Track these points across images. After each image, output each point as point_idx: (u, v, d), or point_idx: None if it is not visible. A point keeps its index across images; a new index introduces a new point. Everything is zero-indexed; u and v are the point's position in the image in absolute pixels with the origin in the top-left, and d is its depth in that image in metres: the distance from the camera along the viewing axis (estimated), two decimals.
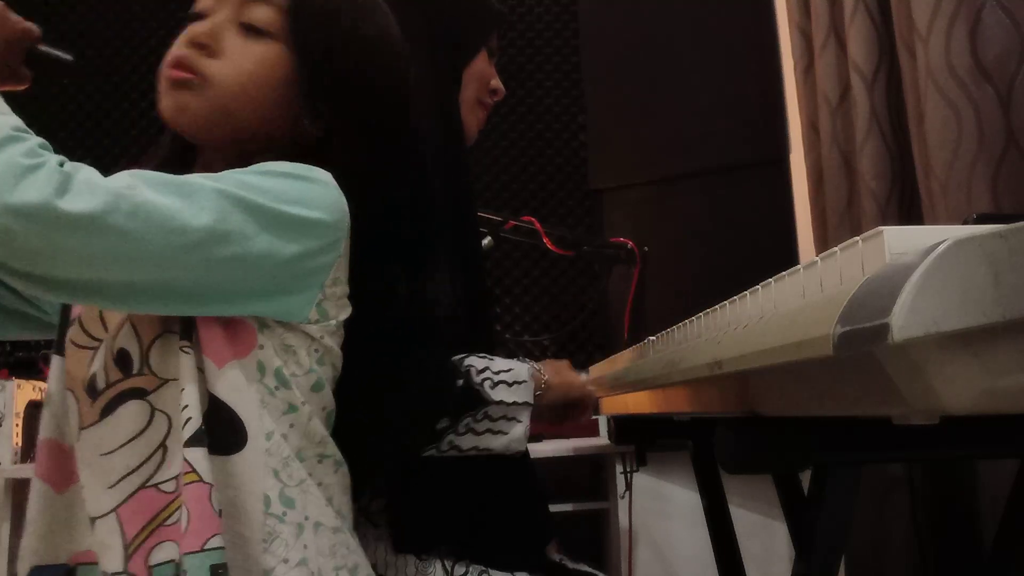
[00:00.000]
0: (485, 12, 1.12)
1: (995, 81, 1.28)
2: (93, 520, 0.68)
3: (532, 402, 0.97)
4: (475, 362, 0.95)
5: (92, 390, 0.70)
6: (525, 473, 1.05)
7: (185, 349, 0.68)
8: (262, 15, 0.76)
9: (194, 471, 0.65)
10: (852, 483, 0.76)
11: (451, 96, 1.06)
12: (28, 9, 0.82)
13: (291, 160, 0.73)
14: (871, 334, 0.42)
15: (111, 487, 0.68)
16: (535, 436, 1.88)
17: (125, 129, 2.53)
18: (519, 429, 0.95)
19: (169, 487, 0.67)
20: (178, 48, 0.76)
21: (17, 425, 1.86)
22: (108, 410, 0.70)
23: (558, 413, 1.06)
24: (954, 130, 1.31)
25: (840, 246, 0.54)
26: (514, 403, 0.95)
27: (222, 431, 0.67)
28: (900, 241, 0.48)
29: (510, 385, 0.95)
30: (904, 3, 1.44)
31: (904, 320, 0.40)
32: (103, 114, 2.55)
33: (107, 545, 0.67)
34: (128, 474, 0.68)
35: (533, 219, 1.52)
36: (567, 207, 2.51)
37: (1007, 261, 0.41)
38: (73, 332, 0.73)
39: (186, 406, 0.67)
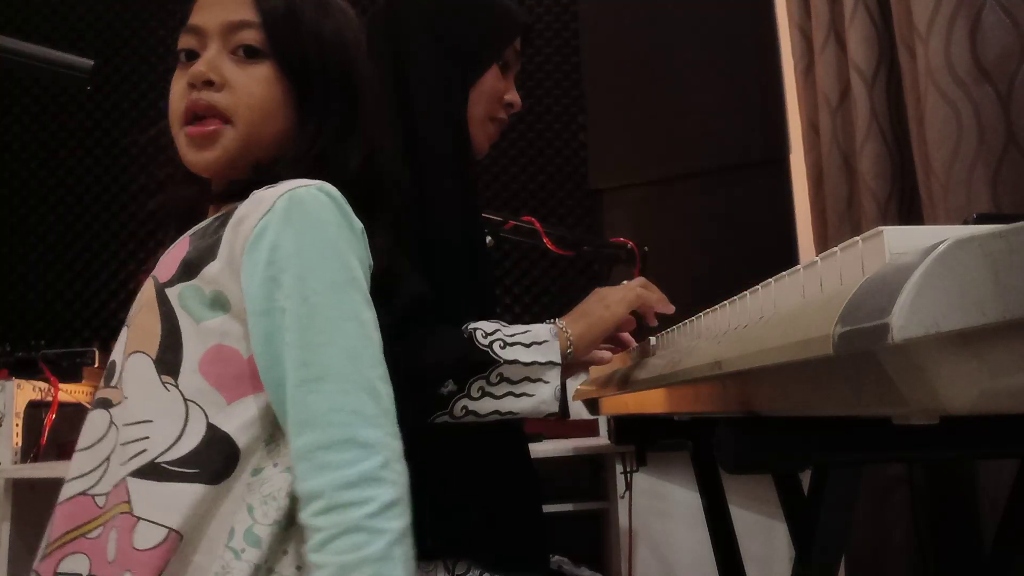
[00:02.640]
0: (496, 29, 1.09)
1: (995, 81, 1.28)
2: None
3: (559, 361, 0.93)
4: (483, 326, 0.92)
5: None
6: (529, 475, 1.04)
7: (168, 385, 0.69)
8: (250, 36, 0.77)
9: (129, 501, 0.66)
10: (852, 483, 0.76)
11: (460, 106, 1.05)
12: (35, 9, 0.83)
13: (297, 169, 0.74)
14: (871, 334, 0.42)
15: (66, 483, 0.71)
16: (535, 436, 1.88)
17: (136, 124, 2.53)
18: (547, 390, 0.92)
19: (101, 501, 0.69)
20: (184, 97, 0.77)
21: (17, 425, 1.85)
22: (91, 411, 0.74)
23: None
24: (954, 130, 1.31)
25: (840, 246, 0.54)
26: (534, 363, 0.91)
27: (217, 460, 0.68)
28: (900, 241, 0.48)
29: (527, 346, 0.92)
30: (904, 3, 1.44)
31: (904, 320, 0.40)
32: (111, 113, 2.55)
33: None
34: (78, 476, 0.70)
35: (533, 219, 1.51)
36: (567, 207, 2.51)
37: (1007, 261, 0.41)
38: None
39: (145, 437, 0.68)
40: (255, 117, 0.76)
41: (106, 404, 0.72)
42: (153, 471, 0.67)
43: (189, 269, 0.72)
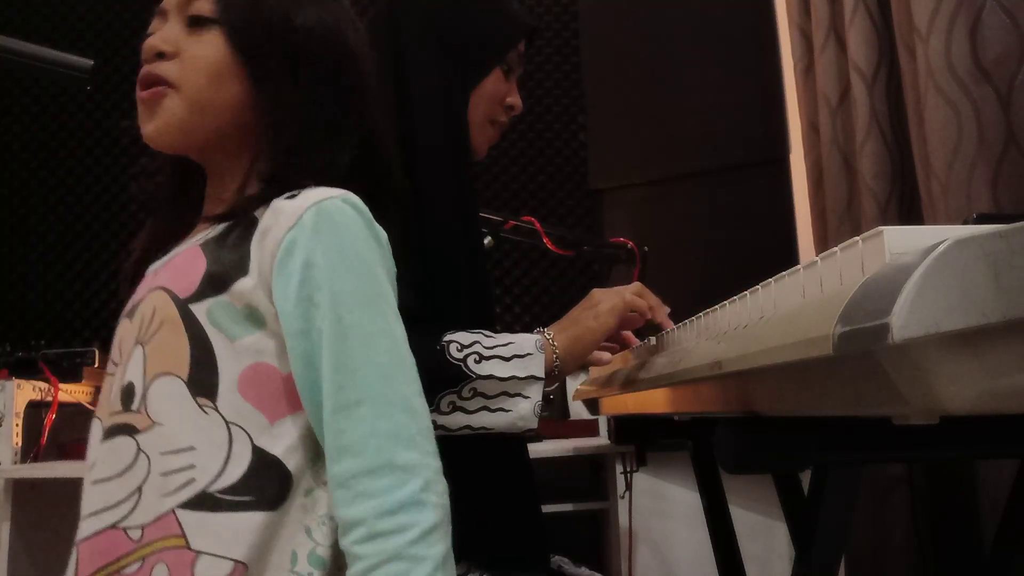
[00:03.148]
0: (500, 32, 1.07)
1: (995, 81, 1.28)
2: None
3: (542, 376, 0.90)
4: (460, 338, 0.90)
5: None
6: (526, 474, 1.04)
7: (206, 408, 0.67)
8: (201, 7, 0.76)
9: (183, 536, 0.64)
10: (852, 483, 0.76)
11: (460, 108, 1.03)
12: (35, 9, 0.83)
13: (296, 171, 0.73)
14: (871, 334, 0.42)
15: (85, 518, 0.68)
16: (535, 436, 1.88)
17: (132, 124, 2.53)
18: (525, 406, 0.89)
19: (135, 534, 0.65)
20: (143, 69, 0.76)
21: (17, 425, 1.85)
22: (105, 439, 0.70)
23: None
24: (954, 130, 1.31)
25: (840, 246, 0.54)
26: (512, 378, 0.88)
27: (271, 485, 0.66)
28: (900, 241, 0.48)
29: (507, 360, 0.89)
30: (904, 3, 1.44)
31: (904, 320, 0.40)
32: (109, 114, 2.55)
33: None
34: (103, 509, 0.67)
35: (533, 219, 1.51)
36: (567, 207, 2.51)
37: (1007, 261, 0.41)
38: (108, 362, 0.75)
39: (191, 466, 0.65)
40: (200, 81, 0.74)
41: (130, 431, 0.68)
42: (206, 501, 0.65)
43: (215, 284, 0.69)
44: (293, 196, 0.71)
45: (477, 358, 0.88)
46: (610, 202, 2.48)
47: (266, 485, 0.66)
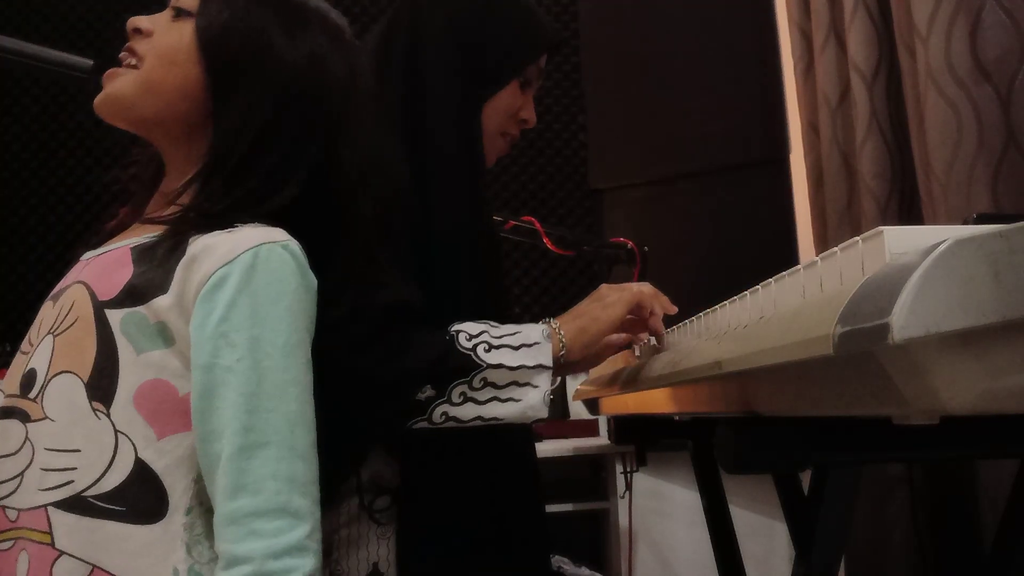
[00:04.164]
0: (520, 46, 1.04)
1: (995, 81, 1.28)
2: None
3: (550, 365, 0.89)
4: (468, 328, 0.89)
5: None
6: (533, 478, 1.04)
7: (99, 413, 0.68)
8: (189, 1, 0.79)
9: (50, 532, 0.65)
10: (852, 483, 0.76)
11: (473, 118, 1.02)
12: (35, 9, 0.83)
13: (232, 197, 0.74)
14: (871, 334, 0.42)
15: None
16: (535, 436, 1.88)
17: None
18: (535, 395, 0.88)
19: (12, 515, 0.67)
20: None
21: None
22: (2, 418, 0.71)
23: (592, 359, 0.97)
24: (954, 130, 1.31)
25: (840, 246, 0.54)
26: (521, 367, 0.87)
27: (145, 499, 0.67)
28: (900, 241, 0.48)
29: (516, 348, 0.88)
30: (904, 3, 1.44)
31: (904, 320, 0.40)
32: None
33: None
34: None
35: (533, 219, 1.51)
36: (567, 207, 2.51)
37: (1007, 261, 0.41)
38: (25, 339, 0.76)
39: (72, 468, 0.67)
40: (156, 61, 0.77)
41: (23, 417, 0.69)
42: (78, 504, 0.66)
43: (135, 295, 0.70)
44: (233, 230, 0.72)
45: (486, 347, 0.87)
46: (610, 202, 2.48)
47: (141, 498, 0.67)
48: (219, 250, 0.70)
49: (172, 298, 0.69)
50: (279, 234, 0.72)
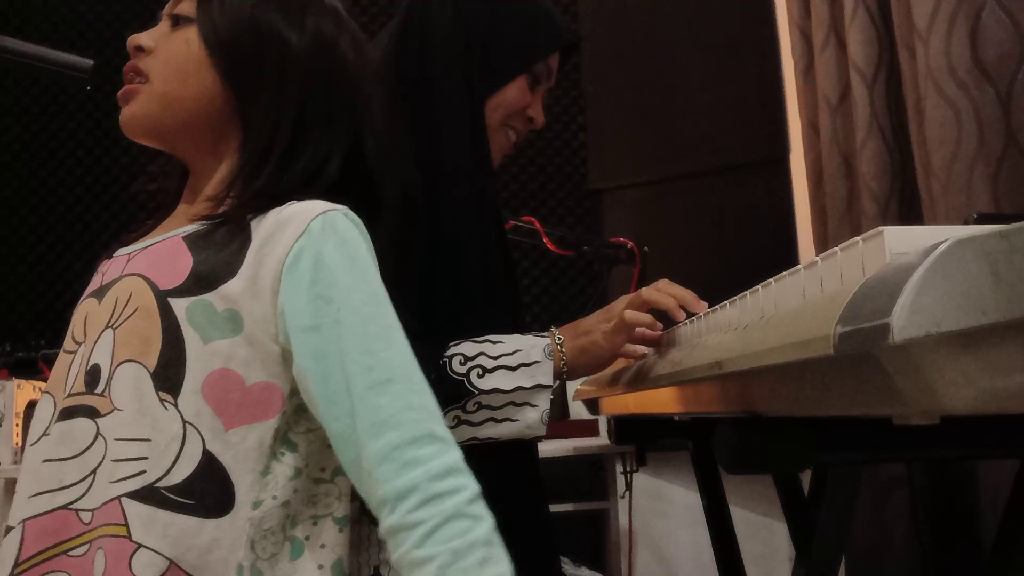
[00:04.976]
0: (529, 41, 1.04)
1: (995, 81, 1.28)
2: (8, 530, 0.67)
3: (550, 384, 0.88)
4: (465, 349, 0.88)
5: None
6: (537, 484, 1.03)
7: (166, 403, 0.66)
8: (185, 6, 0.78)
9: (126, 525, 0.63)
10: (852, 483, 0.76)
11: (476, 111, 1.02)
12: (35, 9, 0.83)
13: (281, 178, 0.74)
14: (871, 334, 0.42)
15: (34, 496, 0.67)
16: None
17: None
18: (533, 415, 0.87)
19: (86, 517, 0.65)
20: None
21: (17, 425, 1.85)
22: (61, 419, 0.69)
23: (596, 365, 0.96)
24: (954, 130, 1.31)
25: (840, 246, 0.54)
26: (517, 388, 0.87)
27: (213, 492, 0.66)
28: (900, 241, 0.48)
29: (513, 369, 0.87)
30: (904, 3, 1.44)
31: (904, 320, 0.40)
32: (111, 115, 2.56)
33: (1, 559, 0.66)
34: (56, 489, 0.66)
35: (533, 219, 1.52)
36: (567, 207, 2.51)
37: (1007, 261, 0.41)
38: (66, 339, 0.75)
39: (143, 457, 0.65)
40: (169, 74, 0.76)
41: (92, 413, 0.68)
42: (152, 496, 0.64)
43: (201, 282, 0.69)
44: (290, 204, 0.72)
45: (480, 372, 0.86)
46: (610, 202, 2.48)
47: (209, 491, 0.66)
48: (291, 226, 0.70)
49: (244, 282, 0.68)
50: (335, 205, 0.72)
